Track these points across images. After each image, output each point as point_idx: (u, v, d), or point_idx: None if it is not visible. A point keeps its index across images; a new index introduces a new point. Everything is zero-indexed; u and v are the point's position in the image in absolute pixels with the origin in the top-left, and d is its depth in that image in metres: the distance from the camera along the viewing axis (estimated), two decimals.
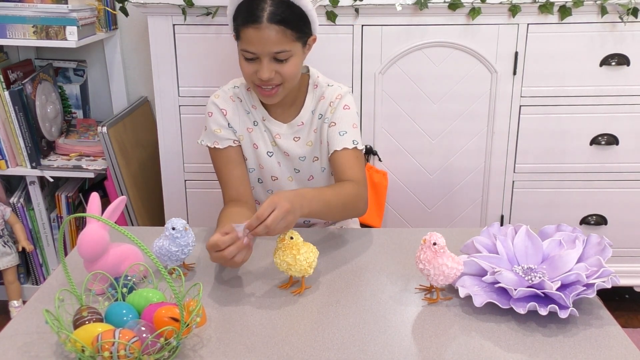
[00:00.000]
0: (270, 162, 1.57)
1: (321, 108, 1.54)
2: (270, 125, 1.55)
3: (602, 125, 2.09)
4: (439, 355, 1.05)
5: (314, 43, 1.50)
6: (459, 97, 2.06)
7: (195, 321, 1.03)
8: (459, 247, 1.32)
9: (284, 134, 1.55)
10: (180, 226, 1.25)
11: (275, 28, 1.36)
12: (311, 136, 1.55)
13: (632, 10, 1.94)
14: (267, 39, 1.36)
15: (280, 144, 1.55)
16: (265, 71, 1.39)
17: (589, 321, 1.14)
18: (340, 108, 1.52)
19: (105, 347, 0.93)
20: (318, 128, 1.55)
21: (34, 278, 2.43)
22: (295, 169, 1.59)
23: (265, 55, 1.39)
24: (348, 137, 1.49)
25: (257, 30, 1.36)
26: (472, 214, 2.20)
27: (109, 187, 2.22)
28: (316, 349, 1.06)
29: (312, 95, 1.55)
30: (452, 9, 1.95)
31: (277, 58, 1.40)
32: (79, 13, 2.09)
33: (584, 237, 1.25)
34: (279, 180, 1.59)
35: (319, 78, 1.56)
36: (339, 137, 1.50)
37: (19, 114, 2.16)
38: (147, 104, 2.52)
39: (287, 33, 1.38)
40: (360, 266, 1.35)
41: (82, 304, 1.12)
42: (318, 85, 1.55)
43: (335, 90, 1.54)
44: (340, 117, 1.51)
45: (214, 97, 1.56)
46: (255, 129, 1.56)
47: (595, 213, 2.19)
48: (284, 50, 1.39)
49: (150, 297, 1.10)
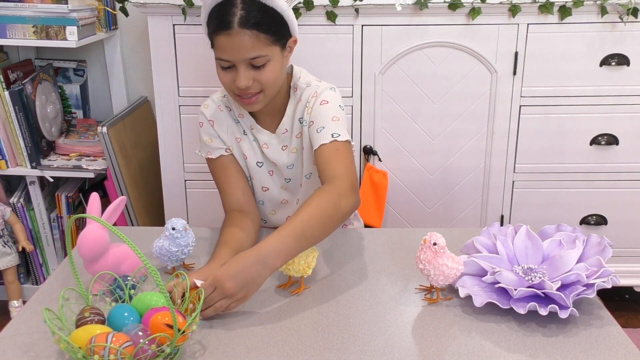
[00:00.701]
0: (260, 172, 1.52)
1: (300, 111, 1.46)
2: (259, 135, 1.49)
3: (602, 125, 2.09)
4: (439, 355, 1.05)
5: (294, 45, 1.42)
6: (459, 97, 2.06)
7: (192, 329, 1.00)
8: (459, 247, 1.32)
9: (272, 144, 1.49)
10: (180, 226, 1.25)
11: (247, 33, 1.28)
12: (294, 142, 1.48)
13: (632, 10, 1.94)
14: (240, 45, 1.29)
15: (267, 154, 1.50)
16: (242, 79, 1.32)
17: (589, 321, 1.14)
18: (317, 105, 1.42)
19: (96, 351, 0.92)
20: (301, 133, 1.47)
21: (34, 278, 2.43)
22: (286, 179, 1.54)
23: (241, 63, 1.31)
24: (326, 132, 1.38)
25: (229, 36, 1.29)
26: (472, 214, 2.19)
27: (109, 187, 2.22)
28: (316, 349, 1.06)
29: (293, 99, 1.47)
30: (452, 9, 1.95)
31: (254, 64, 1.32)
32: (79, 13, 2.09)
33: (584, 237, 1.25)
34: (270, 191, 1.54)
35: (300, 79, 1.47)
36: (316, 135, 1.40)
37: (19, 114, 2.16)
38: (147, 104, 2.52)
39: (260, 37, 1.30)
40: (360, 266, 1.35)
41: (89, 303, 1.12)
42: (297, 87, 1.47)
43: (312, 90, 1.45)
44: (316, 114, 1.41)
45: (203, 107, 1.51)
46: (244, 139, 1.50)
47: (595, 213, 2.19)
48: (259, 55, 1.31)
49: (153, 301, 1.08)
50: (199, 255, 1.39)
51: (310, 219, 1.21)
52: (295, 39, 1.42)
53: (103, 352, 0.92)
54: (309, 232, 1.20)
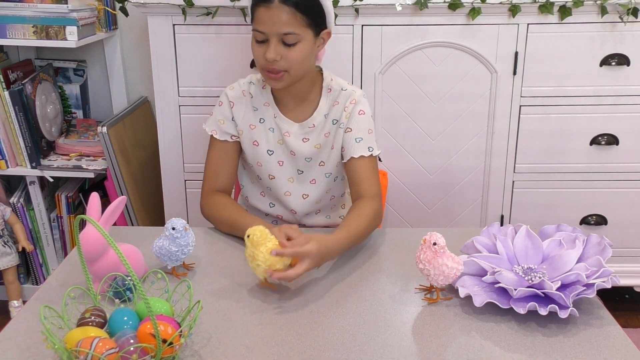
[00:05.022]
0: (269, 160, 1.57)
1: (335, 113, 1.53)
2: (281, 123, 1.55)
3: (602, 125, 2.09)
4: (439, 355, 1.05)
5: (328, 38, 1.49)
6: (459, 97, 2.06)
7: (180, 342, 0.97)
8: (459, 247, 1.32)
9: (294, 133, 1.55)
10: (180, 226, 1.25)
11: (285, 9, 1.37)
12: (321, 139, 1.55)
13: (632, 10, 1.94)
14: (276, 18, 1.37)
15: (288, 142, 1.55)
16: (272, 51, 1.39)
17: (589, 321, 1.14)
18: (355, 113, 1.52)
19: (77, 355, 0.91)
20: (331, 133, 1.54)
21: (34, 278, 2.43)
22: (299, 170, 1.58)
23: (274, 36, 1.39)
24: (364, 144, 1.50)
25: (268, 9, 1.37)
26: (472, 214, 2.20)
27: (109, 187, 2.22)
28: (316, 349, 1.06)
29: (326, 98, 1.55)
30: (452, 9, 1.95)
31: (285, 41, 1.40)
32: (79, 13, 2.09)
33: (584, 237, 1.25)
34: (276, 179, 1.59)
35: (332, 81, 1.55)
36: (355, 144, 1.51)
37: (19, 114, 2.16)
38: (147, 104, 2.52)
39: (297, 16, 1.38)
40: (360, 266, 1.35)
41: (97, 303, 1.12)
42: (332, 89, 1.54)
43: (350, 95, 1.53)
44: (355, 123, 1.52)
45: (229, 88, 1.57)
46: (259, 127, 1.56)
47: (595, 213, 2.19)
48: (292, 32, 1.39)
49: (154, 307, 1.03)
50: (199, 255, 1.39)
51: (359, 227, 1.40)
52: (329, 31, 1.49)
53: (84, 357, 0.90)
54: (359, 239, 1.40)
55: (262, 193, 1.64)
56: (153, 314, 0.92)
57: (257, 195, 1.65)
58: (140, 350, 0.93)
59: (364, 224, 1.41)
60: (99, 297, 1.14)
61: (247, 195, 1.67)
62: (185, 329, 1.00)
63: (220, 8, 1.96)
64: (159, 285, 1.18)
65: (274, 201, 1.63)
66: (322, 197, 1.61)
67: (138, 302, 1.09)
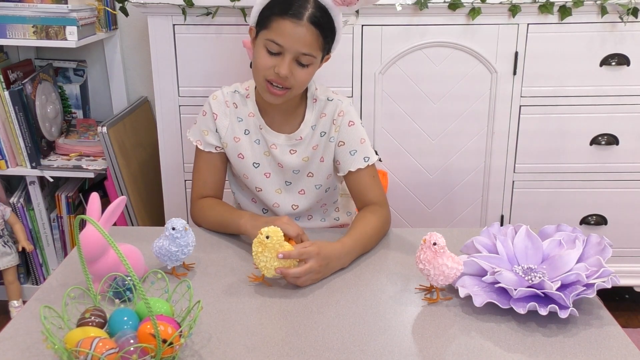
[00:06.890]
0: (255, 172, 1.54)
1: (323, 125, 1.50)
2: (267, 135, 1.51)
3: (602, 125, 2.09)
4: (439, 355, 1.05)
5: (326, 62, 1.48)
6: (459, 97, 2.06)
7: (180, 342, 0.97)
8: (459, 247, 1.32)
9: (280, 145, 1.51)
10: (180, 226, 1.25)
11: (312, 30, 1.34)
12: (308, 152, 1.52)
13: (632, 10, 1.94)
14: (302, 37, 1.34)
15: (274, 154, 1.52)
16: (285, 67, 1.36)
17: (589, 321, 1.14)
18: (345, 126, 1.49)
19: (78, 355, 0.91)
20: (320, 146, 1.51)
21: (34, 278, 2.43)
22: (287, 182, 1.56)
23: (292, 52, 1.35)
24: (359, 156, 1.49)
25: (295, 25, 1.33)
26: (472, 214, 2.20)
27: (109, 187, 2.22)
28: (316, 349, 1.06)
29: (312, 110, 1.51)
30: (452, 9, 1.95)
31: (300, 61, 1.37)
32: (79, 13, 2.09)
33: (584, 237, 1.25)
34: (264, 192, 1.55)
35: (317, 91, 1.52)
36: (350, 158, 1.49)
37: (19, 114, 2.16)
38: (147, 104, 2.52)
39: (319, 40, 1.37)
40: (360, 266, 1.35)
41: (97, 303, 1.12)
42: (317, 99, 1.51)
43: (337, 106, 1.50)
44: (347, 136, 1.49)
45: (211, 97, 1.53)
46: (244, 139, 1.52)
47: (595, 213, 2.19)
48: (310, 54, 1.36)
49: (154, 307, 1.03)
50: (199, 255, 1.39)
51: (365, 231, 1.41)
52: (330, 56, 1.48)
53: (84, 357, 0.90)
54: (368, 243, 1.41)
55: (254, 199, 1.62)
56: (153, 314, 0.91)
57: (249, 202, 1.63)
58: (140, 351, 0.93)
59: (370, 227, 1.41)
60: (99, 297, 1.13)
61: (239, 202, 1.65)
62: (185, 329, 1.00)
63: (220, 8, 1.96)
64: (159, 286, 1.18)
65: (265, 207, 1.61)
66: (312, 206, 1.60)
67: (138, 302, 1.09)
